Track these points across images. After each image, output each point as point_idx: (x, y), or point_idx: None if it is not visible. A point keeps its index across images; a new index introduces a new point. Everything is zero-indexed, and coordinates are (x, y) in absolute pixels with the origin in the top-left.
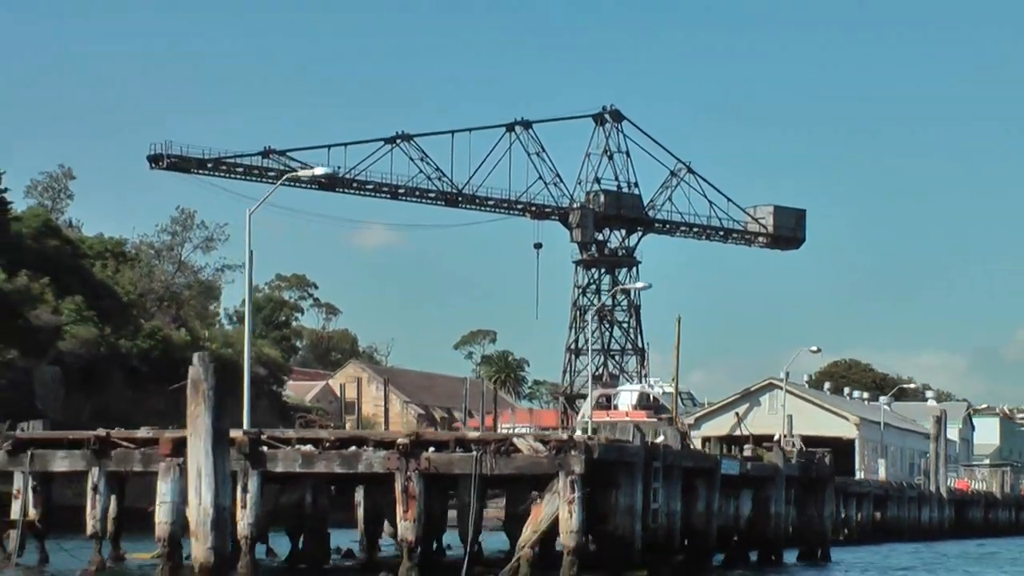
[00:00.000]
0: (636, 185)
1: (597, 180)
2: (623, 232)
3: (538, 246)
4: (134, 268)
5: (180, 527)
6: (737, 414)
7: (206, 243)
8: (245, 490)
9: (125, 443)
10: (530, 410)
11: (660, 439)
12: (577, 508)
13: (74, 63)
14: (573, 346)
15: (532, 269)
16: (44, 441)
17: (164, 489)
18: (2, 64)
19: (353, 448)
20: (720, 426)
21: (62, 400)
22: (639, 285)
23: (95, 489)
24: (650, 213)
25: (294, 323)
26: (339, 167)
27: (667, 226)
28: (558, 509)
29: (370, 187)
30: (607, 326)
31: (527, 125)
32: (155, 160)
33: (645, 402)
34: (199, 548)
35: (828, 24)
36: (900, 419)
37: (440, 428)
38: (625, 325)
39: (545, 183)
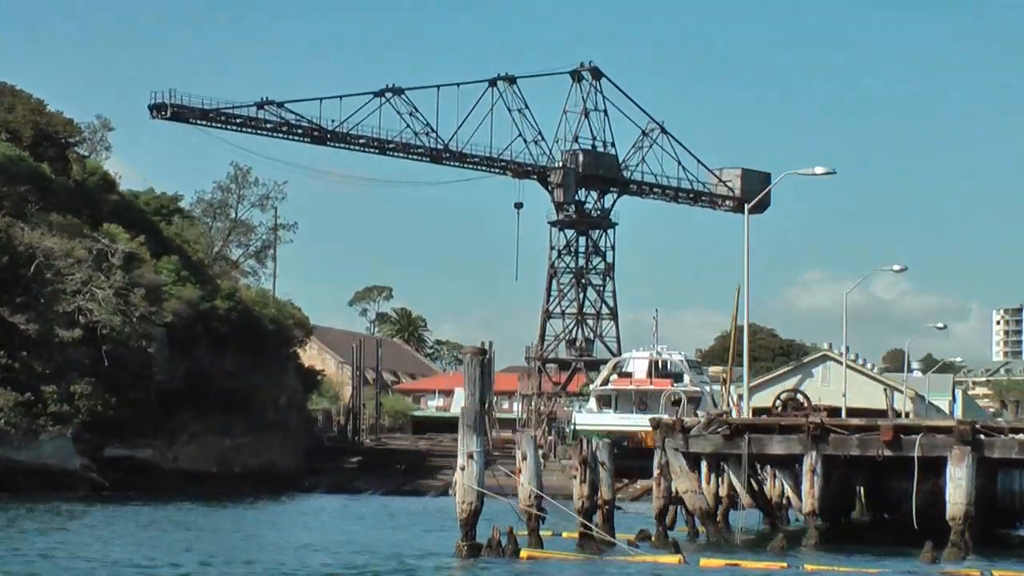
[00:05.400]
0: (613, 145)
1: (576, 139)
2: (596, 193)
3: (519, 206)
4: (194, 226)
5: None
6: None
7: (262, 201)
8: None
9: (839, 429)
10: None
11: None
12: None
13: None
14: (548, 310)
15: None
16: (759, 426)
17: (959, 474)
18: None
19: None
20: (769, 398)
21: (167, 363)
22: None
23: (812, 471)
24: (624, 174)
25: None
26: (333, 120)
27: (640, 187)
28: None
29: (361, 141)
30: (580, 289)
31: (511, 80)
32: (157, 109)
33: (663, 369)
34: None
35: None
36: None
37: (375, 390)
38: (600, 288)
39: (526, 141)
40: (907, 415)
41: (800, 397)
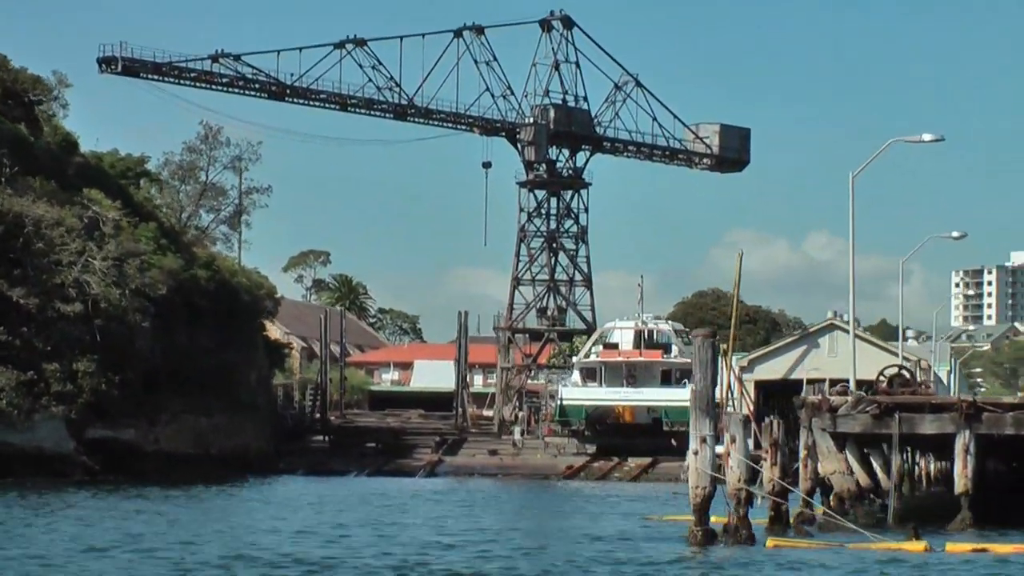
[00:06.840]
0: (585, 99)
1: (546, 93)
2: (568, 151)
3: (487, 165)
4: (164, 190)
5: None
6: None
7: (235, 162)
8: None
9: (992, 408)
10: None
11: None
12: None
13: None
14: (517, 277)
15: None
16: (909, 406)
17: None
18: None
19: None
20: (774, 369)
21: (149, 336)
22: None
23: (966, 451)
24: (596, 130)
25: None
26: (292, 74)
27: (614, 145)
28: None
29: (321, 97)
30: (552, 254)
31: (479, 31)
32: (107, 63)
33: (650, 340)
34: None
35: None
36: None
37: (339, 364)
38: (573, 252)
39: (493, 96)
40: None
41: (906, 373)
